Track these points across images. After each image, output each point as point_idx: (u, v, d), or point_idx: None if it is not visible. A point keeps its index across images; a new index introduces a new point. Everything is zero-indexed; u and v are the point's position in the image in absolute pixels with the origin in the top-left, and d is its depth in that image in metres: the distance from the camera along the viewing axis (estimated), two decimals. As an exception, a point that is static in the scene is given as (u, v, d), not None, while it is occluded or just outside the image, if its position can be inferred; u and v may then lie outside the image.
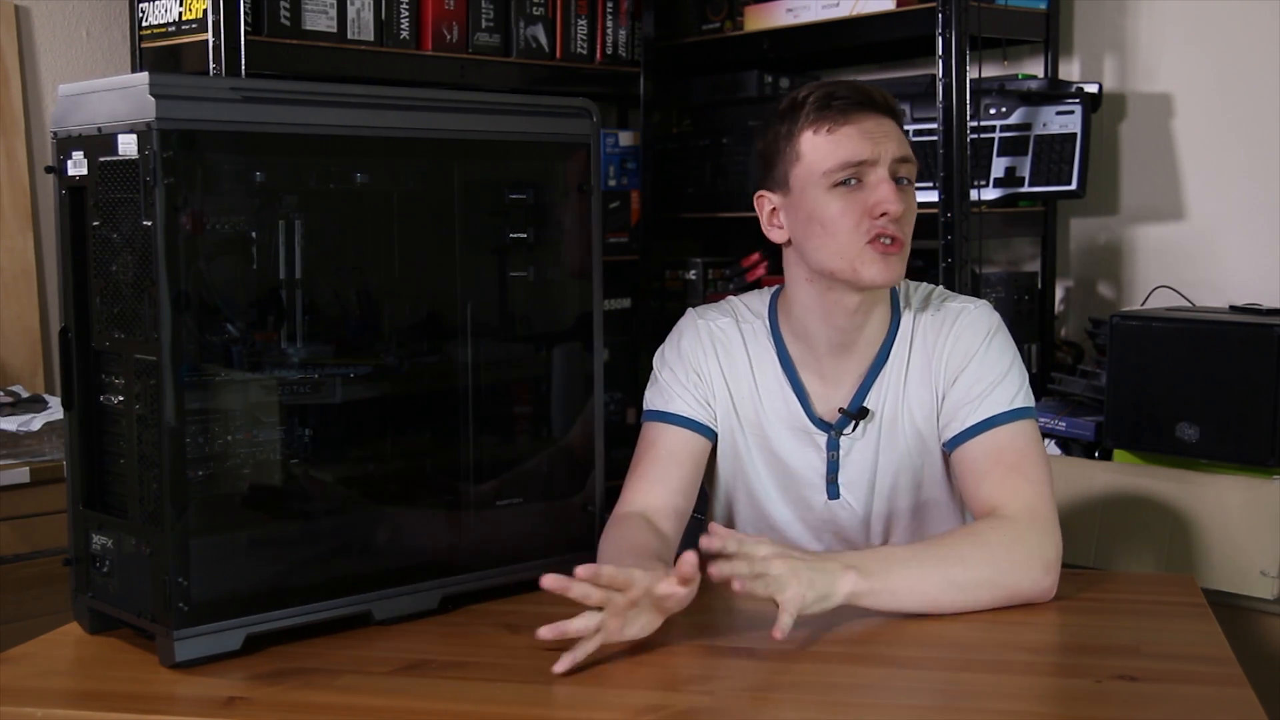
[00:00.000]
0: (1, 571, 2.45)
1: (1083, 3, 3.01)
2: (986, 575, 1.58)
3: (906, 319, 1.78)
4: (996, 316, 1.78)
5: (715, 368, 1.81)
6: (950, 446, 1.73)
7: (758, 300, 1.86)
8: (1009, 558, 1.59)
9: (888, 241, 1.66)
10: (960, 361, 1.73)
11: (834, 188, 1.67)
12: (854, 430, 1.77)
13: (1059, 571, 1.62)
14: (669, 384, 1.81)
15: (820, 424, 1.78)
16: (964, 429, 1.71)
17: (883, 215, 1.65)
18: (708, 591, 1.66)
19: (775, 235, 1.76)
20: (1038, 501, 1.65)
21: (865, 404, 1.76)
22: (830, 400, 1.78)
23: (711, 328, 1.83)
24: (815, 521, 1.81)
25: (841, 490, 1.79)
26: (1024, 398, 1.72)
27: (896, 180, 1.68)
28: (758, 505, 1.83)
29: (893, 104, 1.72)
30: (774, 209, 1.75)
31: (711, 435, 1.81)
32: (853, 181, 1.67)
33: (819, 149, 1.68)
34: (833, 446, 1.78)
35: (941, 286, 1.84)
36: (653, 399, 1.83)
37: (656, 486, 1.76)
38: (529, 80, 3.07)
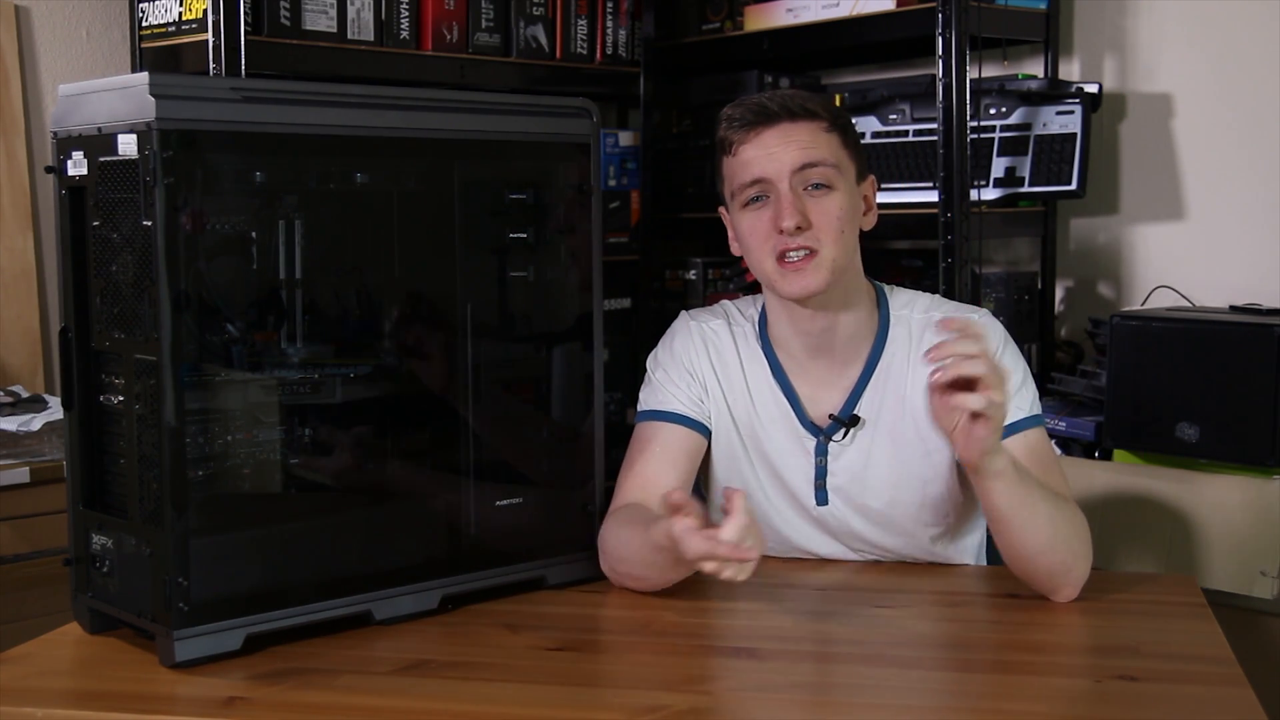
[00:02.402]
0: (1, 571, 2.45)
1: (1083, 3, 3.01)
2: (1070, 532, 1.61)
3: (902, 325, 1.78)
4: (1002, 326, 1.79)
5: (708, 368, 1.81)
6: None
7: (750, 305, 1.87)
8: (1083, 536, 1.63)
9: (795, 256, 1.68)
10: None
11: (745, 206, 1.72)
12: (844, 437, 1.77)
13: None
14: (662, 383, 1.82)
15: (810, 428, 1.78)
16: None
17: (782, 231, 1.67)
18: (708, 592, 1.66)
19: (733, 249, 1.79)
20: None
21: (858, 411, 1.76)
22: (821, 404, 1.78)
23: (704, 329, 1.84)
24: (812, 520, 1.81)
25: (830, 496, 1.78)
26: (1038, 405, 1.75)
27: (811, 186, 1.69)
28: (754, 504, 1.82)
29: (801, 106, 1.71)
30: (730, 224, 1.79)
31: (706, 433, 1.81)
32: (761, 198, 1.70)
33: (729, 170, 1.74)
34: (820, 452, 1.77)
35: (938, 295, 1.85)
36: (647, 399, 1.83)
37: (657, 480, 1.75)
38: (529, 80, 3.07)
